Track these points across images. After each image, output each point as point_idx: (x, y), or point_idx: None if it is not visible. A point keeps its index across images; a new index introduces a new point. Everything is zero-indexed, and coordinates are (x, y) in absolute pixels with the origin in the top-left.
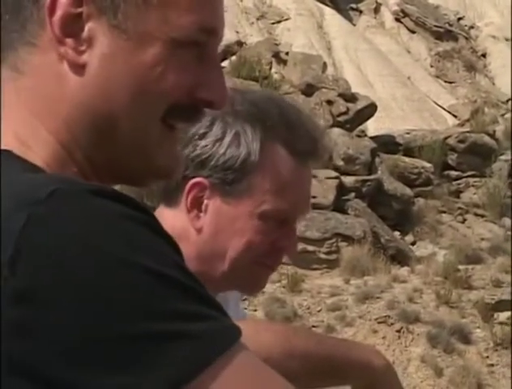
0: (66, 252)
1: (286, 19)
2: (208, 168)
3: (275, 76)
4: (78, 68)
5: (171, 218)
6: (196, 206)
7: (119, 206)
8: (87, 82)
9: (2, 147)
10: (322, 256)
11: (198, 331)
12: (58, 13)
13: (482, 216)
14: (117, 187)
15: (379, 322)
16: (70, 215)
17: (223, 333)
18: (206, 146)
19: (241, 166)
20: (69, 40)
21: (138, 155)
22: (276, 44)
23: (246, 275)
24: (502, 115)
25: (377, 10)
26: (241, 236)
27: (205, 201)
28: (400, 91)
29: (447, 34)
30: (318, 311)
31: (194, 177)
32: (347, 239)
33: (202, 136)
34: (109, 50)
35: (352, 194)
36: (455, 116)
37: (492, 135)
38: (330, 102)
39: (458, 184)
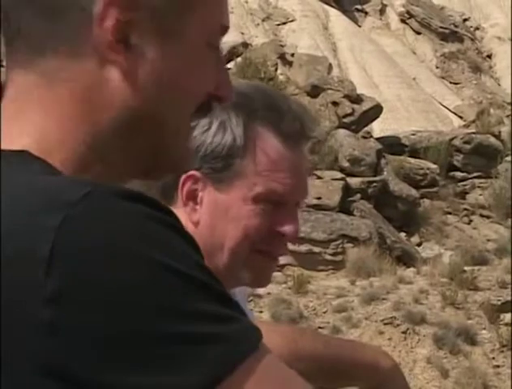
0: (100, 254)
1: (291, 21)
2: (198, 159)
3: (281, 78)
4: (126, 74)
5: None
6: (191, 199)
7: (148, 209)
8: (134, 87)
9: (20, 148)
10: (328, 257)
11: (226, 333)
12: (109, 20)
13: (488, 217)
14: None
15: (385, 324)
16: (104, 218)
17: (248, 334)
18: (195, 137)
19: (228, 152)
20: (118, 47)
21: (168, 152)
22: (282, 46)
23: (249, 266)
24: (508, 116)
25: (382, 12)
26: (237, 223)
27: (199, 193)
28: (406, 93)
29: (453, 35)
30: (324, 312)
31: (186, 171)
32: (353, 240)
33: (192, 129)
34: (156, 55)
35: (358, 196)
36: (461, 117)
37: (498, 136)
38: (335, 103)
39: (464, 185)
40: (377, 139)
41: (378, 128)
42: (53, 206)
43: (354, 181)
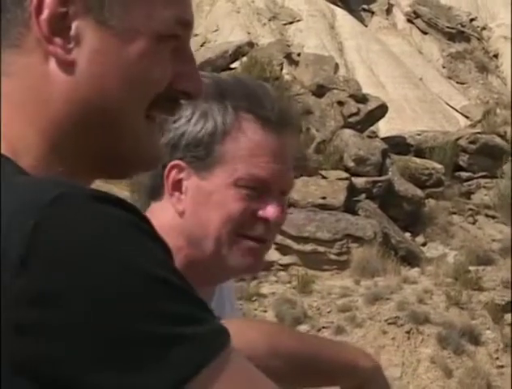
0: (74, 255)
1: (298, 20)
2: (181, 148)
3: (287, 77)
4: (68, 66)
5: (159, 211)
6: (177, 189)
7: (121, 212)
8: (77, 79)
9: None
10: (333, 257)
11: (195, 334)
12: (45, 12)
13: (493, 217)
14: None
15: (389, 324)
16: (76, 220)
17: (216, 335)
18: (178, 128)
19: (209, 139)
20: (57, 39)
21: (125, 147)
22: (288, 46)
23: (237, 251)
24: None
25: (389, 11)
26: (220, 208)
27: (184, 182)
28: (412, 93)
29: (459, 35)
30: (328, 312)
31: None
32: (358, 240)
33: (176, 121)
34: (97, 47)
35: (363, 195)
36: (467, 117)
37: (504, 136)
38: (341, 103)
39: (469, 185)
40: (383, 139)
41: (384, 128)
42: (26, 209)
43: (359, 181)
